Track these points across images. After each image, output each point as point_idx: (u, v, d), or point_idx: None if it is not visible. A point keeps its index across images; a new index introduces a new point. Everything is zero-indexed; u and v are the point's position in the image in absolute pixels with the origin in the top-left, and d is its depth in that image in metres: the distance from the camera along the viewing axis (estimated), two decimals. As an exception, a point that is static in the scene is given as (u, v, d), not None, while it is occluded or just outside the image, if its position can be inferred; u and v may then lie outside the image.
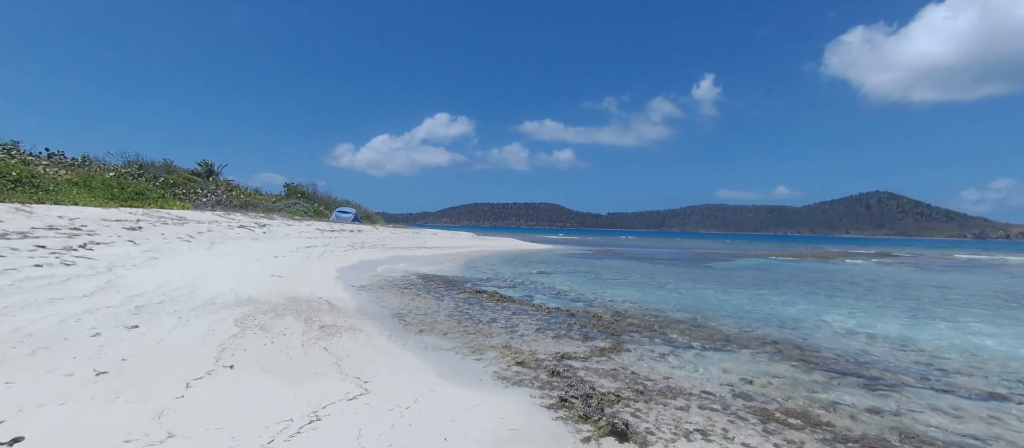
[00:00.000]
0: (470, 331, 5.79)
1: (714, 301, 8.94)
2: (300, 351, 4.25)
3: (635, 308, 7.89)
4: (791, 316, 7.47)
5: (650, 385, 3.90)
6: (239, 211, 19.83)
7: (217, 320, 4.95)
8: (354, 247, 16.67)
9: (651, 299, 8.99)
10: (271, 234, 15.63)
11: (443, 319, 6.44)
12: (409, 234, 27.92)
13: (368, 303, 7.35)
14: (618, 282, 11.88)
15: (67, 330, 3.84)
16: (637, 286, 11.07)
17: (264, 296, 6.71)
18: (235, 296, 6.41)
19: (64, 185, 13.20)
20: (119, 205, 13.85)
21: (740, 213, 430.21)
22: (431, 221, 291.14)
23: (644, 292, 9.98)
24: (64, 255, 6.49)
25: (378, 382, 3.63)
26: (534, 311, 7.30)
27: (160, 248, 9.15)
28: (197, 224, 13.40)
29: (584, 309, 7.68)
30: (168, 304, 5.29)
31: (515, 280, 11.58)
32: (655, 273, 14.69)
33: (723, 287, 11.27)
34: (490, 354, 4.78)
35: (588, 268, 15.89)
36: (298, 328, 5.11)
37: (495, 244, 28.83)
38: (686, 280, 12.74)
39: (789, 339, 5.81)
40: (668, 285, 11.40)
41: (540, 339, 5.51)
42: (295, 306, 6.30)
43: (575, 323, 6.40)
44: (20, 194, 10.63)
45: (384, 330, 5.57)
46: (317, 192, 40.59)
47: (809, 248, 43.33)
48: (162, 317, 4.73)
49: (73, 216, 9.85)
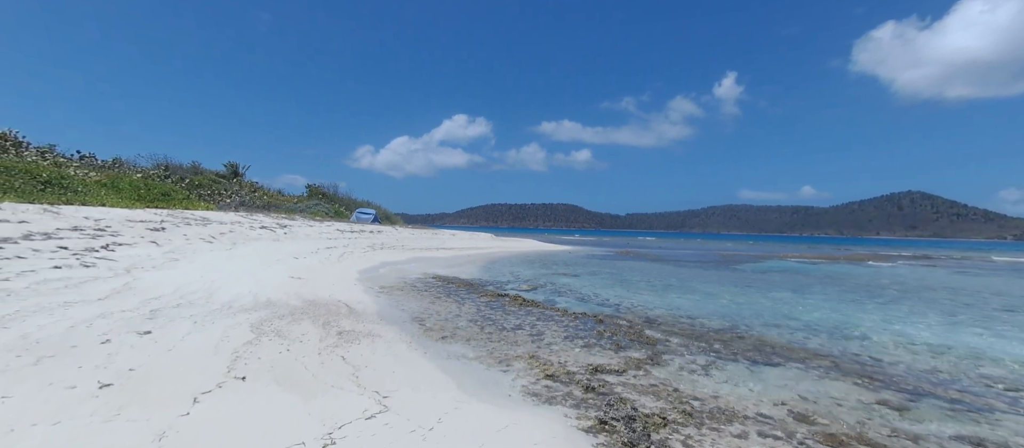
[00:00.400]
0: (494, 338, 5.47)
1: (750, 307, 8.42)
2: (316, 360, 4.00)
3: (667, 314, 7.45)
4: (839, 324, 6.92)
5: (698, 405, 3.50)
6: (261, 212, 20.01)
7: (233, 325, 4.75)
8: (373, 248, 16.58)
9: (682, 304, 8.53)
10: (292, 235, 15.65)
11: (465, 325, 6.15)
12: (428, 235, 27.85)
13: (387, 307, 7.12)
14: (644, 285, 11.41)
15: (77, 336, 3.67)
16: (665, 290, 10.59)
17: (282, 299, 6.53)
18: (253, 299, 6.25)
19: (93, 186, 13.45)
20: (145, 206, 14.03)
21: (763, 214, 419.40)
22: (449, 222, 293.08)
23: (674, 297, 9.51)
24: (85, 257, 6.44)
25: (398, 397, 3.34)
26: (560, 317, 6.95)
27: (182, 249, 9.13)
28: (219, 225, 13.47)
29: (612, 315, 7.28)
30: (184, 308, 5.13)
31: (537, 283, 11.24)
32: (682, 276, 14.13)
33: (757, 291, 10.69)
34: (517, 365, 4.45)
35: (611, 270, 15.42)
36: (315, 334, 4.88)
37: (514, 245, 28.52)
38: (716, 284, 12.17)
39: (844, 352, 5.31)
40: (698, 289, 10.88)
41: (569, 348, 5.15)
42: (313, 310, 6.10)
43: (605, 331, 6.02)
44: (49, 195, 10.81)
45: (404, 336, 5.30)
46: (338, 193, 41.08)
47: (840, 250, 41.70)
48: (177, 322, 4.56)
49: (98, 217, 9.92)
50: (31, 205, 9.36)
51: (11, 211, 8.47)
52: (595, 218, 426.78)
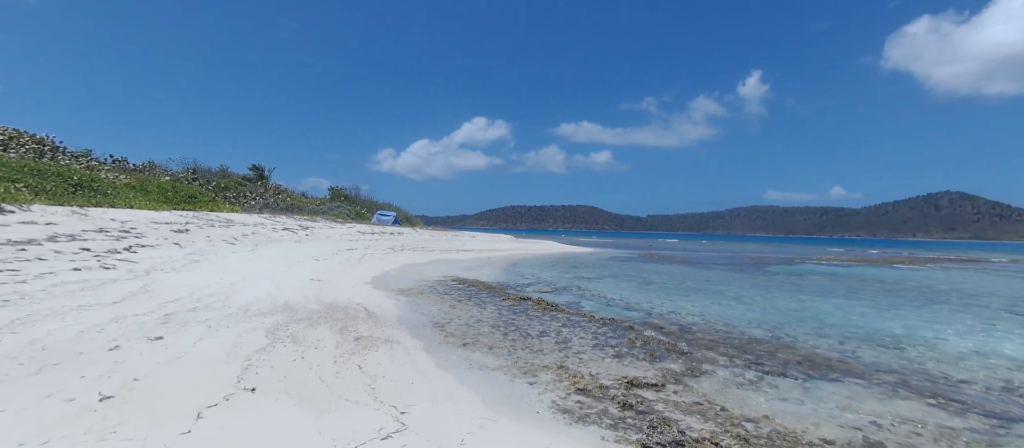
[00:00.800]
0: (518, 346, 5.16)
1: (791, 313, 7.87)
2: (332, 369, 3.75)
3: (701, 321, 7.00)
4: (895, 334, 6.35)
5: (752, 429, 3.11)
6: (284, 214, 20.21)
7: (248, 330, 4.57)
8: (394, 250, 16.49)
9: (716, 310, 8.04)
10: (313, 236, 15.68)
11: (487, 331, 5.85)
12: (448, 237, 27.74)
13: (407, 310, 6.88)
14: (673, 289, 10.91)
15: (85, 342, 3.51)
16: (695, 294, 10.08)
17: (301, 302, 6.36)
18: (271, 302, 6.10)
19: (122, 189, 13.73)
20: (172, 208, 14.25)
21: (791, 215, 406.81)
22: (469, 224, 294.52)
23: (706, 301, 9.01)
24: (106, 258, 6.40)
25: (417, 414, 3.05)
26: (586, 322, 6.58)
27: (204, 250, 9.12)
28: (243, 226, 13.55)
29: (642, 321, 6.87)
30: (200, 311, 4.99)
31: (560, 285, 10.87)
32: (712, 279, 13.53)
33: (796, 296, 10.07)
34: (544, 377, 4.12)
35: (636, 273, 14.92)
36: (332, 340, 4.66)
37: (535, 247, 28.16)
38: (749, 288, 11.57)
39: (909, 366, 4.79)
40: (730, 293, 10.33)
41: (599, 358, 4.79)
42: (331, 314, 5.90)
43: (636, 339, 5.62)
44: (79, 197, 11.03)
45: (424, 343, 5.03)
46: (360, 195, 41.50)
47: (877, 252, 39.84)
48: (190, 326, 4.39)
49: (125, 219, 10.03)
50: (60, 207, 9.52)
51: (40, 213, 8.59)
52: (615, 220, 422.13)
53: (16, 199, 8.56)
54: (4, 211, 7.82)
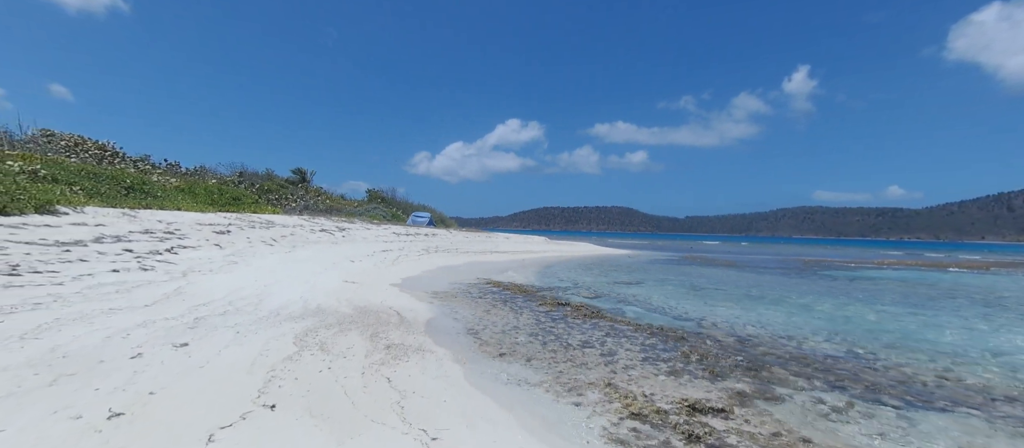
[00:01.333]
0: (559, 358, 4.72)
1: (865, 325, 7.03)
2: (359, 382, 3.45)
3: (761, 332, 6.32)
4: (1003, 352, 5.46)
5: (854, 474, 2.54)
6: (323, 215, 20.59)
7: (276, 336, 4.36)
8: (428, 251, 16.39)
9: (776, 319, 7.29)
10: (350, 238, 15.80)
11: (524, 339, 5.44)
12: (482, 238, 27.57)
13: (440, 315, 6.58)
14: (723, 295, 10.14)
15: (108, 350, 3.37)
16: (750, 301, 9.28)
17: (333, 306, 6.18)
18: (303, 305, 5.94)
19: (172, 192, 14.30)
20: (217, 210, 14.69)
21: (843, 216, 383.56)
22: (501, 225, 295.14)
23: (763, 309, 8.24)
24: (146, 259, 6.45)
25: (449, 440, 2.68)
26: (632, 332, 6.06)
27: (243, 252, 9.19)
28: (282, 228, 13.77)
29: (694, 331, 6.27)
30: (231, 315, 4.85)
31: (599, 290, 10.32)
32: (764, 285, 12.57)
33: (865, 304, 9.09)
34: (591, 396, 3.67)
35: (680, 277, 14.11)
36: (362, 348, 4.38)
37: (570, 249, 27.55)
38: (809, 294, 10.60)
39: (1028, 393, 4.01)
40: (790, 300, 9.46)
41: (652, 375, 4.28)
42: (363, 318, 5.67)
43: (691, 352, 5.06)
44: (131, 200, 11.49)
45: (457, 352, 4.69)
46: (396, 197, 42.19)
47: (945, 256, 36.59)
48: (219, 332, 4.23)
49: (171, 220, 10.30)
50: (111, 209, 9.88)
51: (92, 215, 8.90)
52: (652, 221, 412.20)
53: (70, 202, 8.93)
54: (58, 213, 8.12)
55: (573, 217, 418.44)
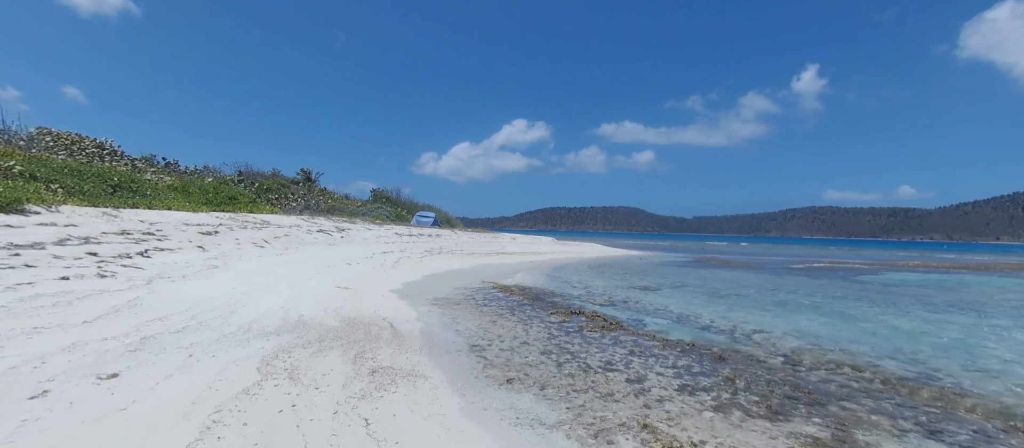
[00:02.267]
0: (578, 384, 3.94)
1: (927, 339, 6.16)
2: (327, 428, 2.70)
3: (808, 348, 5.48)
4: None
5: None
6: (323, 215, 19.95)
7: (237, 360, 3.62)
8: (431, 253, 15.66)
9: (819, 331, 6.45)
10: (349, 239, 15.11)
11: (536, 358, 4.66)
12: (488, 239, 26.81)
13: (439, 327, 5.82)
14: (749, 301, 9.29)
15: (4, 386, 2.63)
16: (781, 309, 8.43)
17: (317, 317, 5.44)
18: (282, 317, 5.20)
19: (164, 191, 13.69)
20: (211, 210, 14.05)
21: (854, 216, 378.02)
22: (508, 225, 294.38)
23: (801, 319, 7.39)
24: (110, 265, 5.75)
25: (439, 529, 1.91)
26: (659, 348, 5.25)
27: (228, 254, 8.49)
28: (277, 228, 13.10)
29: (729, 347, 5.46)
30: (190, 332, 4.11)
31: (614, 296, 9.51)
32: (791, 289, 11.68)
33: (914, 313, 8.20)
34: (624, 443, 2.88)
35: (698, 281, 13.25)
36: (340, 374, 3.63)
37: (578, 249, 26.72)
38: (844, 300, 9.71)
39: None
40: (825, 308, 8.59)
41: (694, 410, 3.48)
42: (349, 332, 4.92)
43: (735, 377, 4.25)
44: (116, 199, 10.86)
45: (456, 377, 3.92)
46: (401, 197, 41.59)
47: (968, 257, 35.25)
48: (166, 355, 3.49)
49: (154, 220, 9.64)
50: (92, 208, 9.24)
51: (68, 214, 8.25)
52: (659, 221, 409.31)
53: (45, 200, 8.29)
54: (27, 212, 7.47)
55: (579, 217, 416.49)
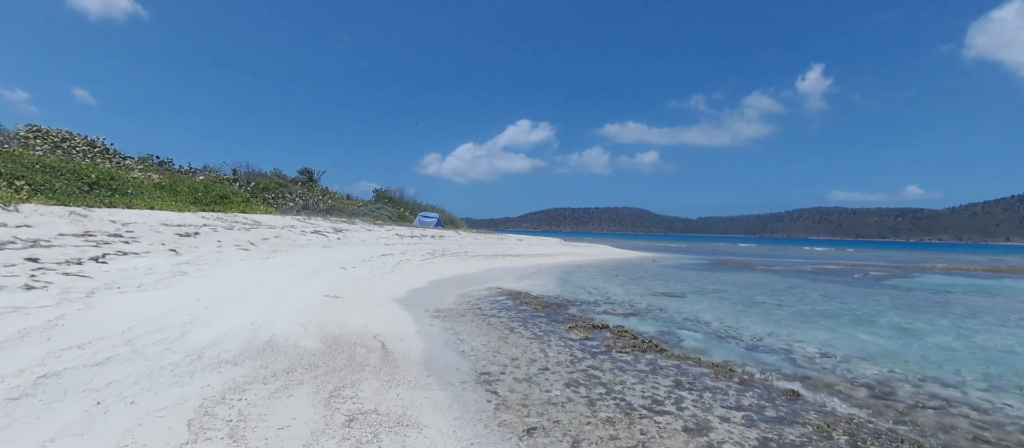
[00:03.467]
0: (622, 437, 2.96)
1: (1017, 359, 5.13)
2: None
3: (897, 378, 4.46)
4: None
5: None
6: (320, 215, 19.05)
7: (164, 408, 2.67)
8: (434, 256, 14.71)
9: (897, 353, 5.42)
10: (346, 240, 14.18)
11: (561, 393, 3.69)
12: (493, 240, 25.84)
13: (440, 346, 4.86)
14: (791, 312, 8.26)
15: None
16: (834, 322, 7.40)
17: (293, 336, 4.50)
18: (248, 337, 4.26)
19: (149, 189, 12.83)
20: (199, 209, 13.18)
21: (861, 216, 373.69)
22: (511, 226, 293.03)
23: (863, 336, 6.36)
24: (48, 273, 4.83)
25: None
26: (710, 377, 4.26)
27: (204, 258, 7.57)
28: (269, 229, 12.19)
29: (796, 374, 4.46)
30: (113, 365, 3.17)
31: (637, 305, 8.52)
32: (830, 296, 10.63)
33: (995, 328, 7.16)
34: None
35: (724, 286, 12.21)
36: (304, 427, 2.67)
37: (588, 251, 25.70)
38: (904, 311, 8.66)
39: None
40: (882, 321, 7.56)
41: (794, 484, 2.48)
42: (329, 357, 3.97)
43: (829, 426, 3.25)
44: (92, 197, 9.98)
45: (461, 425, 2.96)
46: (404, 197, 40.74)
47: (991, 259, 33.92)
48: (60, 405, 2.54)
49: (129, 221, 8.74)
50: (59, 207, 8.35)
51: (28, 214, 7.36)
52: (664, 222, 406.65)
53: (2, 198, 7.39)
54: (-26, 211, 6.57)
55: (584, 218, 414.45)
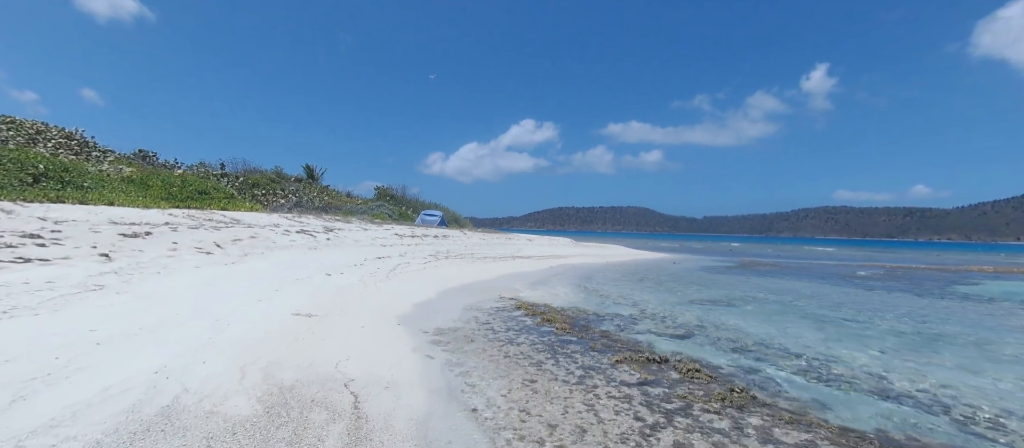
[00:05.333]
0: None
1: None
2: None
3: None
4: None
5: None
6: (313, 214, 17.51)
7: None
8: (436, 258, 13.13)
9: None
10: (337, 241, 12.63)
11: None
12: (501, 240, 24.22)
13: (440, 402, 3.29)
14: (880, 332, 6.65)
15: None
16: (960, 350, 5.78)
17: (213, 395, 2.93)
18: (136, 399, 2.70)
19: (114, 182, 11.34)
20: (173, 205, 11.66)
21: (868, 216, 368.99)
22: (516, 225, 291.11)
23: (1000, 371, 4.74)
24: None
25: None
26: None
27: (141, 266, 6.02)
28: (246, 228, 10.64)
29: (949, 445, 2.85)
30: None
31: (682, 320, 6.92)
32: (902, 310, 8.99)
33: None
34: None
35: (766, 294, 10.58)
36: None
37: (602, 252, 24.06)
38: (1004, 332, 7.03)
39: None
40: (996, 352, 5.94)
41: None
42: (264, 435, 2.40)
43: None
44: (36, 190, 8.48)
45: None
46: (407, 195, 39.24)
47: (1005, 257, 32.00)
48: None
49: (66, 219, 7.21)
50: (-24, 202, 6.82)
51: (-77, 209, 5.80)
52: (669, 221, 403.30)
53: None
54: None
55: (588, 217, 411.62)
